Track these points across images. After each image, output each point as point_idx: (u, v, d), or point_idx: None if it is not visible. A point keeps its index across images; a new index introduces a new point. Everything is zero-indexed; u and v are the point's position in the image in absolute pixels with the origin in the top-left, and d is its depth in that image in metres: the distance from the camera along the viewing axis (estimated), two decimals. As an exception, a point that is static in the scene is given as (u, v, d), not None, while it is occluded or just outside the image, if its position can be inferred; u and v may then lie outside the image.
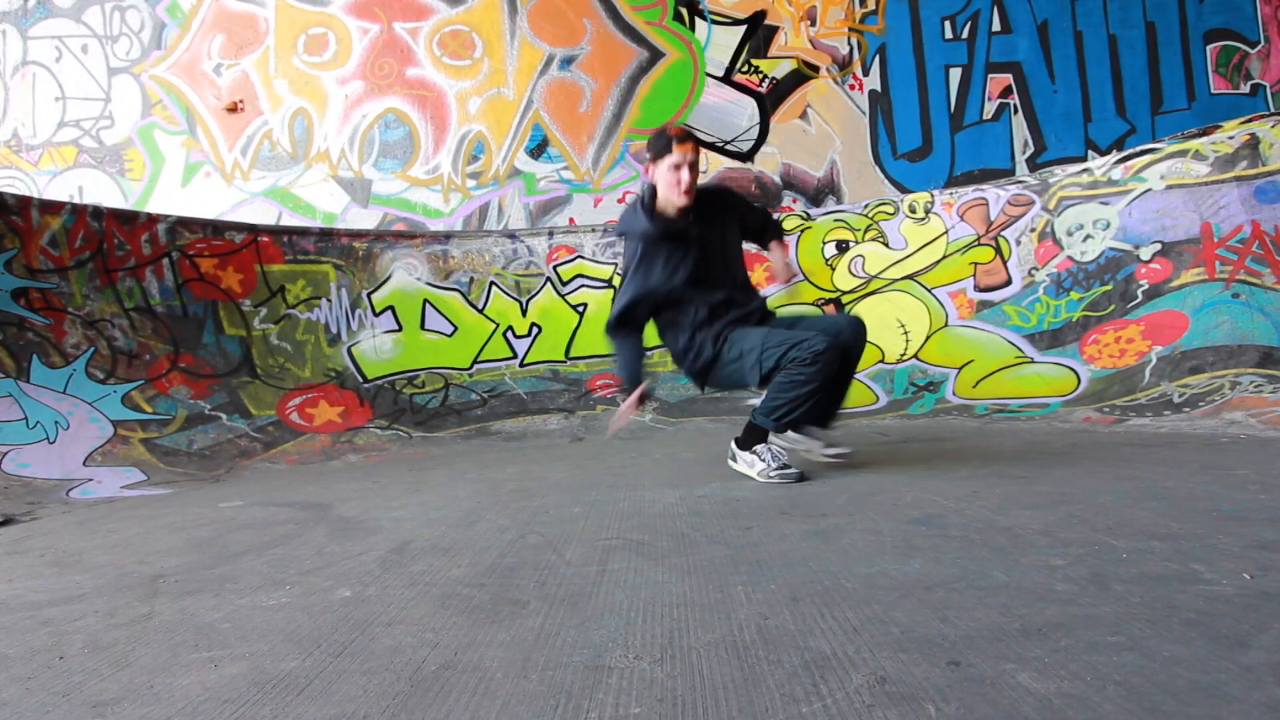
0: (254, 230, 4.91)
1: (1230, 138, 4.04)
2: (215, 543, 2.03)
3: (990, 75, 6.13)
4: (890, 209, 5.28)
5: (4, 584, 1.73)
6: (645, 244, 2.48)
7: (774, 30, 6.16)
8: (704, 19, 6.16)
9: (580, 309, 5.34)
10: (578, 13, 6.10)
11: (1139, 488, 2.02)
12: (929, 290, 4.94)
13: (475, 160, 6.10)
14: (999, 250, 4.83)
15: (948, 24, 6.16)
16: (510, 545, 1.81)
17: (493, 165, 6.10)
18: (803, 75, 6.15)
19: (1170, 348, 3.85)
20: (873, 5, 6.17)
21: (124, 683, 1.12)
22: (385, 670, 1.11)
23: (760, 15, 6.16)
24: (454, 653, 1.16)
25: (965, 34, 6.15)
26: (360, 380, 4.78)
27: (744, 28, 6.16)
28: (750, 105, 6.13)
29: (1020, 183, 4.94)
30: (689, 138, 2.40)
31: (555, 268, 5.45)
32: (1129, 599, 1.20)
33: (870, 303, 5.07)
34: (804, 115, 6.13)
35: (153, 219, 4.46)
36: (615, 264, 5.43)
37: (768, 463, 2.42)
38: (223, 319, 4.53)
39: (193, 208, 5.84)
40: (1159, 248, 4.18)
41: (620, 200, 6.05)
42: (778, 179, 6.09)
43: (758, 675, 1.02)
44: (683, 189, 2.39)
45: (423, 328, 5.17)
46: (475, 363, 5.10)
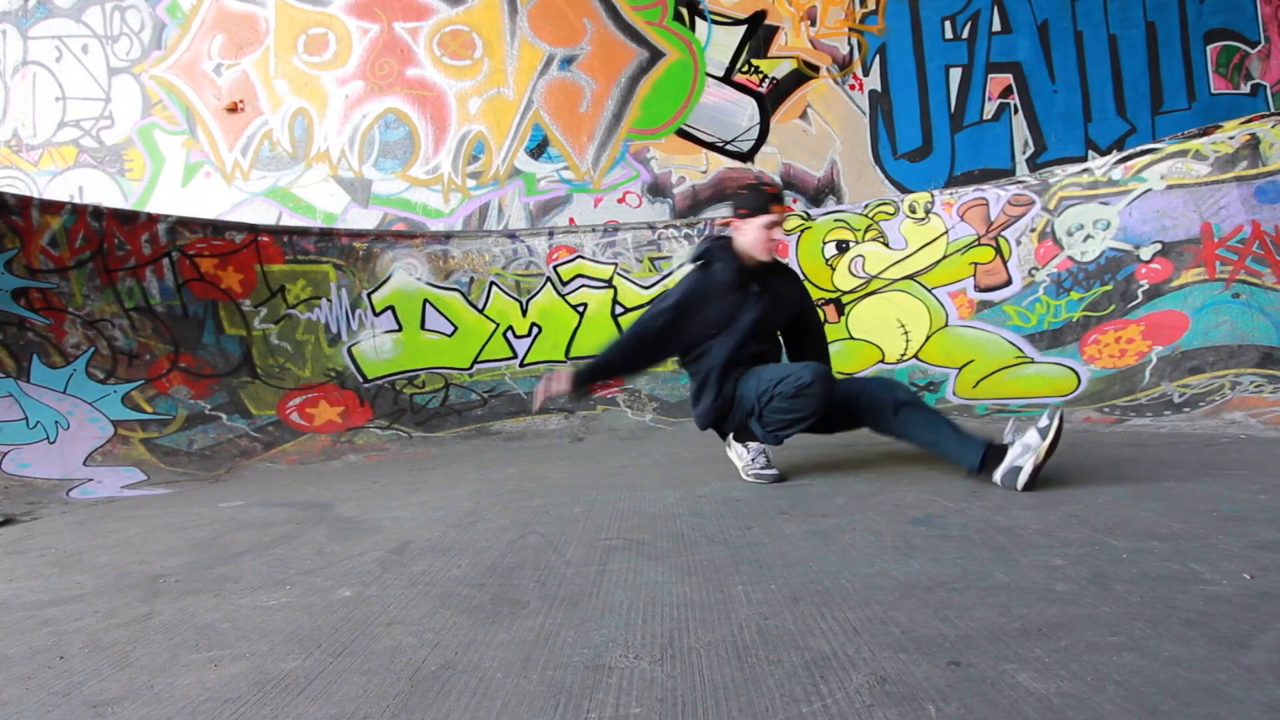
0: (254, 230, 4.91)
1: (1230, 138, 4.04)
2: (215, 543, 2.03)
3: (990, 75, 6.13)
4: (890, 209, 5.28)
5: (4, 584, 1.73)
6: (713, 286, 2.47)
7: (774, 30, 6.16)
8: (704, 19, 6.16)
9: (580, 309, 5.34)
10: (578, 13, 6.10)
11: (1139, 488, 2.02)
12: (929, 290, 4.94)
13: (475, 160, 6.10)
14: (999, 250, 4.83)
15: (948, 24, 6.16)
16: (510, 545, 1.81)
17: (493, 165, 6.10)
18: (803, 75, 6.15)
19: (1170, 348, 3.85)
20: (873, 5, 6.17)
21: (124, 683, 1.12)
22: (385, 670, 1.11)
23: (760, 15, 6.16)
24: (454, 653, 1.16)
25: (965, 34, 6.15)
26: (360, 380, 4.78)
27: (744, 28, 6.16)
28: (750, 105, 6.14)
29: (1020, 183, 4.94)
30: (783, 199, 2.41)
31: (555, 268, 5.45)
32: (1129, 599, 1.20)
33: (870, 303, 5.07)
34: (804, 115, 6.13)
35: (153, 219, 4.46)
36: (615, 264, 5.43)
37: (754, 459, 2.48)
38: (223, 319, 4.53)
39: (193, 208, 5.84)
40: (1159, 248, 4.18)
41: (620, 201, 6.06)
42: (778, 179, 6.09)
43: (758, 675, 1.02)
44: (774, 249, 2.40)
45: (423, 328, 5.17)
46: (475, 363, 5.10)
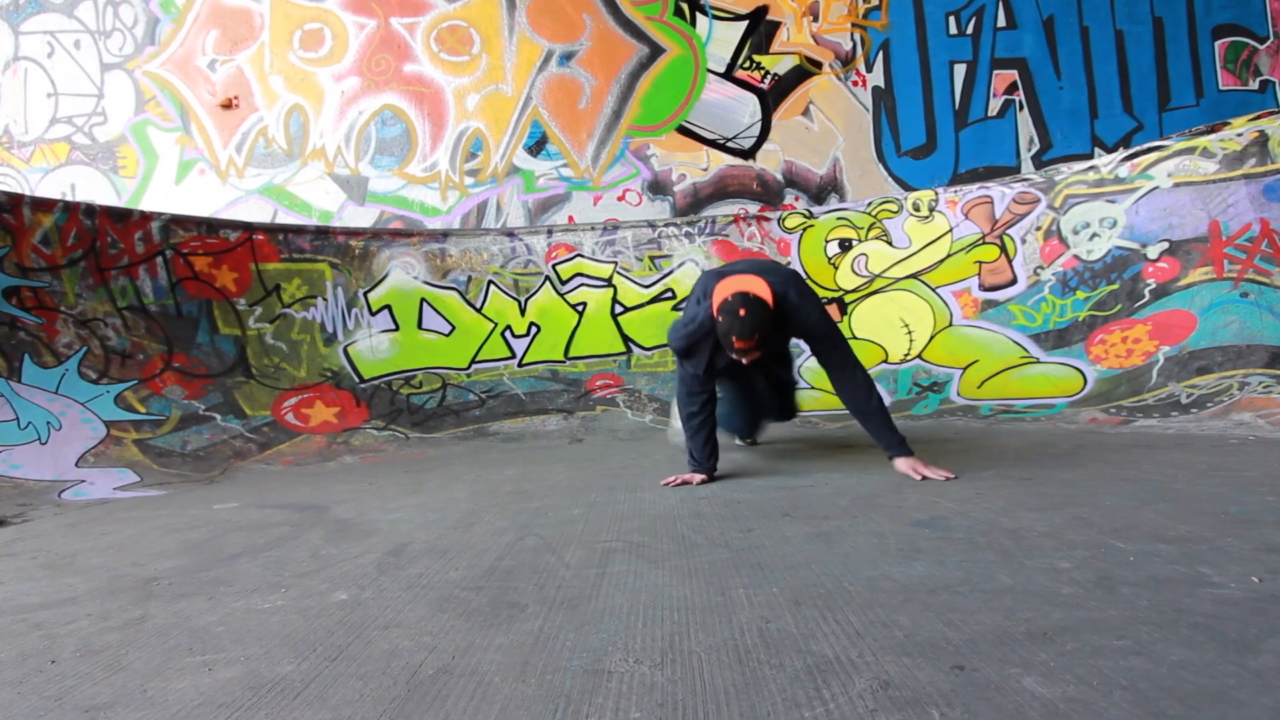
0: (249, 228, 4.91)
1: (1239, 135, 4.04)
2: (209, 545, 2.03)
3: (995, 71, 6.13)
4: (894, 207, 5.28)
5: (-5, 587, 1.73)
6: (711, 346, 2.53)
7: (776, 26, 6.17)
8: (705, 14, 6.16)
9: (579, 308, 5.34)
10: (577, 8, 6.10)
11: (1146, 489, 2.02)
12: (933, 289, 4.94)
13: (473, 157, 6.10)
14: (1004, 249, 4.83)
15: (952, 19, 6.16)
16: (509, 547, 1.81)
17: (491, 163, 6.10)
18: (805, 71, 6.15)
19: (1178, 348, 3.85)
20: (876, 1, 6.17)
21: (117, 687, 1.12)
22: (382, 674, 1.11)
23: (762, 10, 6.16)
24: (451, 656, 1.16)
25: (970, 29, 6.15)
26: (357, 380, 4.79)
27: (746, 23, 6.16)
28: (752, 102, 6.14)
29: (1026, 180, 4.94)
30: (752, 351, 2.29)
31: (554, 266, 5.45)
32: (1136, 602, 1.20)
33: (873, 302, 5.07)
34: (806, 112, 6.13)
35: (146, 217, 4.46)
36: (615, 262, 5.43)
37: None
38: (217, 318, 4.53)
39: (187, 205, 5.85)
40: (1166, 246, 4.18)
41: (620, 198, 6.06)
42: (780, 177, 6.09)
43: (759, 679, 1.02)
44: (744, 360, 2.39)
45: (420, 327, 5.17)
46: (473, 363, 5.11)
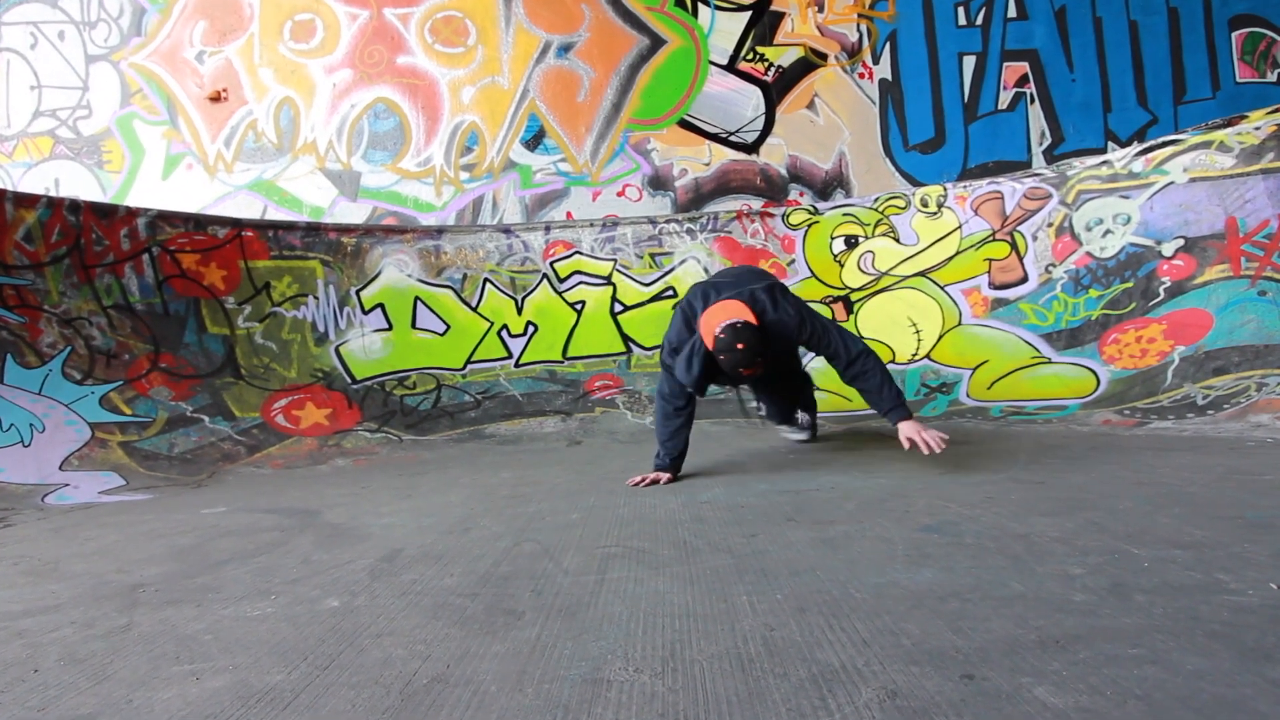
0: (238, 225, 4.91)
1: (1256, 128, 4.04)
2: (197, 551, 2.03)
3: (1006, 63, 6.13)
4: (901, 203, 5.28)
5: (-23, 593, 1.73)
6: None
7: (780, 17, 6.17)
8: (707, 5, 6.16)
9: (578, 307, 5.34)
10: (575, -2, 6.10)
11: (1161, 493, 2.02)
12: (941, 288, 4.94)
13: (469, 152, 6.10)
14: (1015, 246, 4.83)
15: (961, 10, 6.16)
16: (505, 553, 1.81)
17: (487, 157, 6.10)
18: (810, 63, 6.15)
19: (1194, 348, 3.85)
20: (883, -10, 6.17)
21: (102, 697, 1.12)
22: (374, 684, 1.11)
23: (766, 1, 6.16)
24: (446, 665, 1.16)
25: (979, 20, 6.15)
26: (349, 381, 4.79)
27: (749, 14, 6.16)
28: (755, 95, 6.14)
29: (1037, 175, 4.94)
30: (754, 372, 2.53)
31: (552, 264, 5.45)
32: (1150, 610, 1.20)
33: (880, 301, 5.07)
34: (811, 105, 6.13)
35: (132, 213, 4.46)
36: (614, 260, 5.44)
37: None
38: (205, 317, 4.53)
39: (174, 201, 5.84)
40: (1182, 243, 4.18)
41: (619, 194, 6.06)
42: (784, 171, 6.09)
43: (763, 689, 1.02)
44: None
45: (414, 326, 5.17)
46: (468, 363, 5.11)
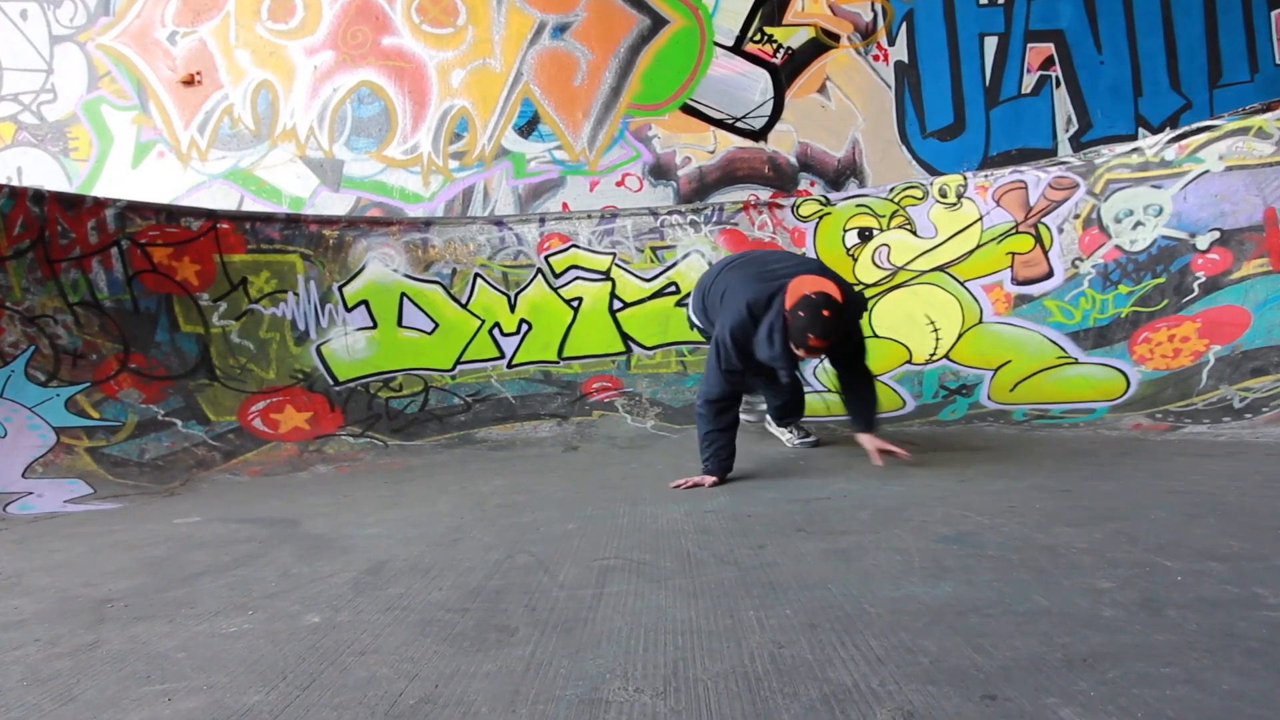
0: (213, 216, 4.91)
1: (1296, 114, 4.04)
2: (169, 563, 2.03)
3: (1030, 45, 6.12)
4: (918, 193, 5.28)
5: (-65, 608, 1.73)
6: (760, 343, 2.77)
7: (789, -5, 6.16)
8: (712, -18, 6.15)
9: (575, 304, 5.34)
10: (572, -25, 6.11)
11: (1195, 502, 2.02)
12: (961, 283, 4.94)
13: (458, 139, 6.10)
14: (1039, 239, 4.82)
15: (982, -12, 6.16)
16: (497, 565, 1.81)
17: (478, 145, 6.10)
18: (821, 45, 6.15)
19: (1230, 347, 3.85)
20: (899, -33, 6.17)
21: (68, 719, 1.12)
22: (358, 704, 1.11)
23: (774, -22, 6.16)
24: (434, 685, 1.15)
25: (1002, -1, 6.15)
26: (331, 383, 4.79)
27: (756, -8, 6.16)
28: (763, 78, 6.13)
29: (1063, 164, 4.94)
30: (821, 347, 2.64)
31: (547, 258, 5.45)
32: (1184, 626, 1.20)
33: (896, 297, 5.07)
34: (823, 89, 6.13)
35: (100, 204, 4.46)
36: (613, 254, 5.43)
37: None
38: (178, 315, 4.53)
39: (145, 191, 5.84)
40: (1217, 236, 4.18)
41: (619, 184, 6.06)
42: (794, 160, 6.09)
43: (771, 710, 1.02)
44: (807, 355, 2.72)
45: (400, 325, 5.17)
46: (458, 363, 5.10)
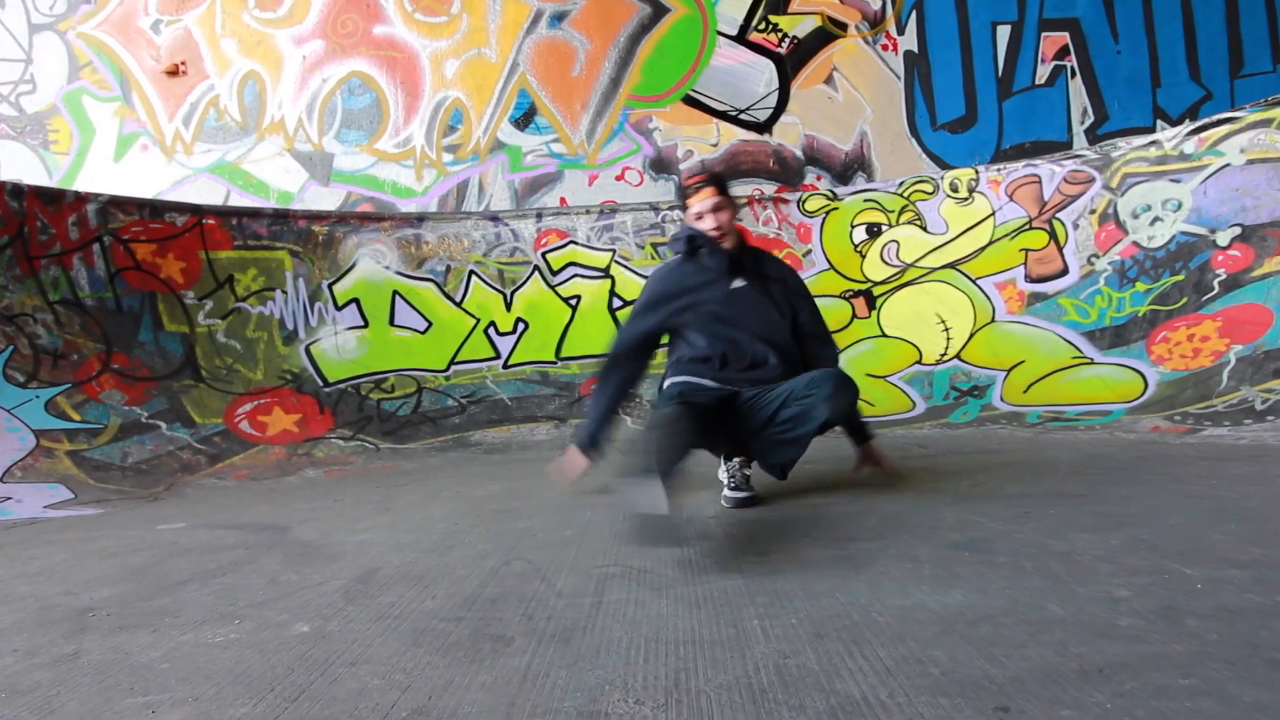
0: (198, 211, 4.92)
1: (1320, 105, 4.04)
2: (153, 571, 2.03)
3: (1044, 34, 6.13)
4: (929, 188, 5.28)
5: (-89, 617, 1.73)
6: (692, 275, 2.60)
7: (795, -18, 6.17)
8: (715, -31, 6.16)
9: (573, 302, 5.34)
10: (570, -38, 6.11)
11: (1215, 507, 2.02)
12: (973, 281, 4.94)
13: (452, 131, 6.10)
14: (1054, 235, 4.82)
15: (995, -26, 6.16)
16: (492, 573, 1.81)
17: (472, 137, 6.10)
18: (828, 34, 6.15)
19: (1251, 346, 3.85)
20: (909, -47, 6.17)
21: (48, 731, 1.12)
22: (349, 717, 1.11)
23: (779, -35, 6.17)
24: (428, 697, 1.16)
25: (1015, -14, 6.15)
26: (320, 384, 4.79)
27: (761, -21, 6.16)
28: (768, 68, 6.14)
29: (1078, 157, 4.94)
30: (699, 187, 2.53)
31: (544, 255, 5.45)
32: (1204, 636, 1.20)
33: (906, 295, 5.07)
34: (830, 80, 6.13)
35: (81, 198, 4.46)
36: (613, 250, 5.44)
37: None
38: (162, 313, 4.53)
39: (127, 186, 5.85)
40: (1238, 232, 4.18)
41: (619, 178, 6.06)
42: (799, 153, 6.09)
43: (777, 723, 1.02)
44: (722, 234, 2.54)
45: (392, 324, 5.18)
46: (452, 364, 5.11)
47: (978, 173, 5.20)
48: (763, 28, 6.15)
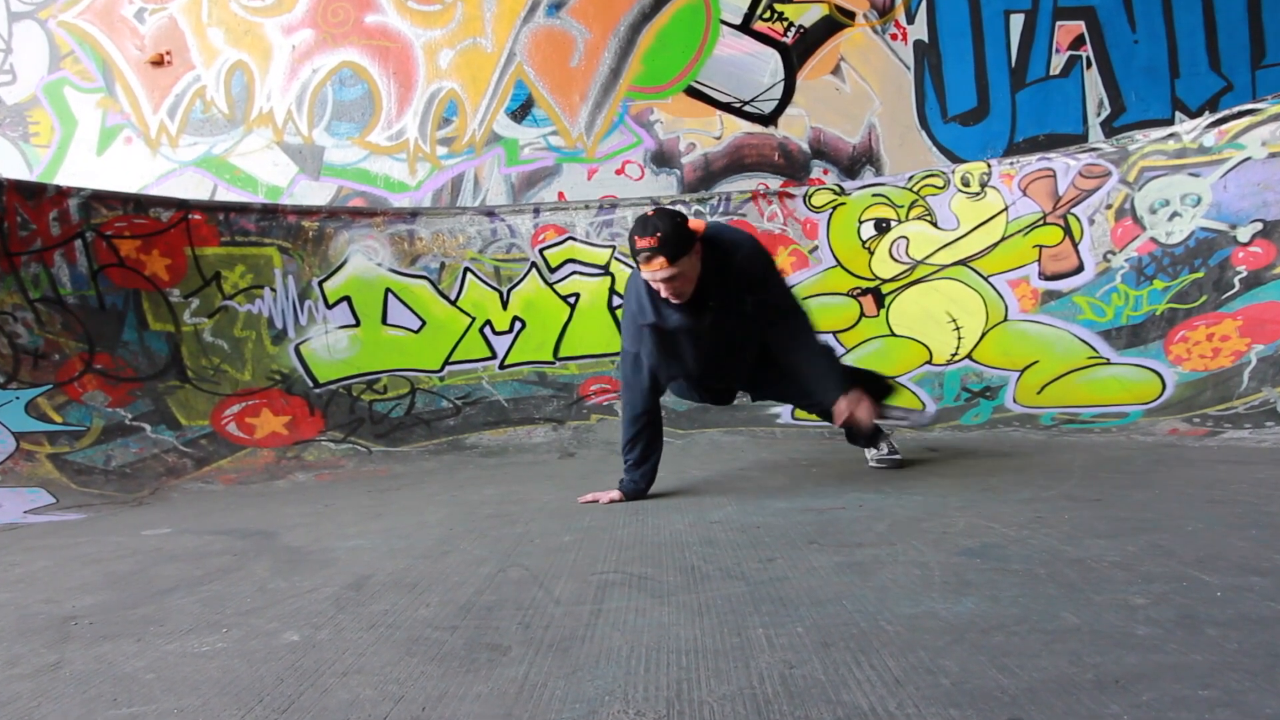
0: (184, 206, 4.92)
1: (1344, 97, 4.04)
2: (137, 578, 2.04)
3: (1059, 22, 6.13)
4: (939, 182, 5.28)
5: (-113, 626, 1.73)
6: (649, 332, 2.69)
7: (801, -31, 6.17)
8: (718, -44, 6.16)
9: (571, 300, 5.35)
10: (568, -52, 6.11)
11: (1236, 513, 2.02)
12: (985, 278, 4.94)
13: (447, 124, 6.10)
14: (1068, 231, 4.82)
15: (1008, -39, 6.16)
16: (489, 580, 1.81)
17: (467, 130, 6.11)
18: (835, 23, 6.15)
19: (1273, 346, 3.85)
20: (919, -61, 6.18)
21: (30, 743, 1.13)
22: (339, 728, 1.11)
23: (785, -49, 6.17)
24: (422, 707, 1.16)
25: (1029, -27, 6.15)
26: (310, 385, 4.79)
27: (765, -34, 6.17)
28: (773, 59, 6.14)
29: (1094, 150, 4.94)
30: (655, 256, 2.42)
31: (542, 251, 5.45)
32: (1224, 645, 1.20)
33: (915, 293, 5.07)
34: (837, 71, 6.13)
35: (63, 193, 4.47)
36: (613, 246, 5.44)
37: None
38: (147, 312, 4.54)
39: (111, 180, 5.85)
40: (1260, 228, 4.18)
41: (619, 172, 6.06)
42: (806, 146, 6.10)
43: (782, 735, 1.02)
44: (667, 296, 2.55)
45: (384, 323, 5.18)
46: (447, 364, 5.11)
47: (990, 166, 5.20)
48: (768, 16, 6.15)
